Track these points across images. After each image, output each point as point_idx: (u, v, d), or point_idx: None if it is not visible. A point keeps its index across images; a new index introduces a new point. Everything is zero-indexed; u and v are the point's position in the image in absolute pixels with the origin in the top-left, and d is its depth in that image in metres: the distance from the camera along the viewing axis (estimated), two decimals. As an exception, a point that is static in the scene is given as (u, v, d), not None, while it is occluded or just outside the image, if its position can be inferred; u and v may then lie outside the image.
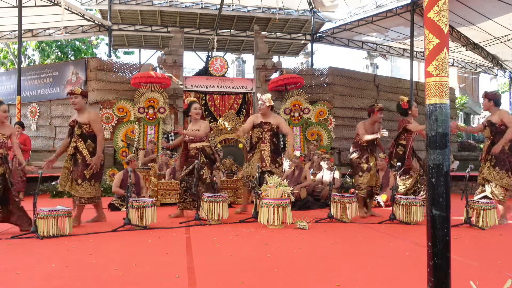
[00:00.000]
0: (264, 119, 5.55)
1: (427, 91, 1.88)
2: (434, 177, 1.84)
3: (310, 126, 11.11)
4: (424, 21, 1.90)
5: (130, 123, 10.26)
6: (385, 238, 4.10)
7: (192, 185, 5.09)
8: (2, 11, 11.65)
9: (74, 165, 4.79)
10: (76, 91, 4.83)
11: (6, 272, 2.75)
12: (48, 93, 11.64)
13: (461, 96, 22.60)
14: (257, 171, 5.24)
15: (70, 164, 4.83)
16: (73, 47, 19.48)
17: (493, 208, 4.63)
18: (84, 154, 4.71)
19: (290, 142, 5.67)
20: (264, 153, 5.45)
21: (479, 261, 3.09)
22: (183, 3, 13.64)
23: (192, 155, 5.28)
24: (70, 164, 4.83)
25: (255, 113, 6.08)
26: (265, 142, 5.48)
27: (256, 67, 11.74)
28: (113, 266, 2.89)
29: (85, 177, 4.71)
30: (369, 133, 5.55)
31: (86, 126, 4.77)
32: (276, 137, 5.60)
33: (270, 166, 5.42)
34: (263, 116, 5.58)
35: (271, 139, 5.50)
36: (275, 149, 5.55)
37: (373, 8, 13.07)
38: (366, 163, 5.55)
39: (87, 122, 4.77)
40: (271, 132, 5.50)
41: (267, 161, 5.41)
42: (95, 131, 4.80)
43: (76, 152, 4.77)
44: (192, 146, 5.31)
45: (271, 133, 5.50)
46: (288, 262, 3.05)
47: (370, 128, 5.62)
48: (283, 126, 5.61)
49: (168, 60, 11.17)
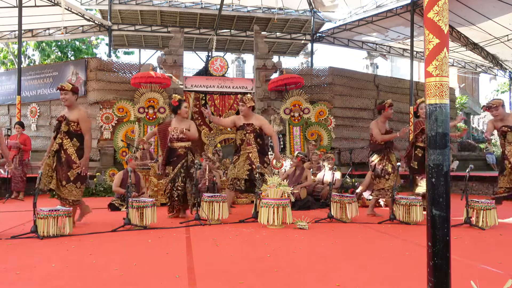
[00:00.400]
0: (246, 120, 5.48)
1: (427, 91, 1.88)
2: (434, 177, 1.84)
3: (310, 126, 11.11)
4: (424, 21, 1.90)
5: (130, 123, 10.26)
6: (385, 238, 4.10)
7: (183, 184, 5.12)
8: (2, 11, 11.65)
9: (58, 163, 4.58)
10: (67, 87, 4.61)
11: (6, 272, 2.75)
12: (48, 93, 11.64)
13: (461, 96, 22.60)
14: (245, 173, 5.24)
15: (53, 161, 4.59)
16: (73, 47, 19.49)
17: (493, 208, 4.63)
18: (69, 153, 4.53)
19: (274, 143, 5.61)
20: (252, 155, 5.36)
21: (479, 261, 3.09)
22: (183, 3, 13.65)
23: (181, 153, 5.21)
24: (53, 161, 4.59)
25: None
26: (250, 143, 5.40)
27: (256, 67, 11.74)
28: (113, 266, 2.89)
29: (69, 179, 4.52)
30: (383, 131, 5.48)
31: (74, 124, 4.59)
32: (260, 137, 5.50)
33: (260, 168, 5.37)
34: (245, 117, 5.51)
35: (255, 140, 5.43)
36: (261, 149, 5.47)
37: (373, 8, 13.08)
38: (390, 163, 5.42)
39: (76, 120, 4.59)
40: (254, 133, 5.43)
41: (256, 162, 5.31)
42: (83, 130, 4.63)
43: (61, 149, 4.57)
44: (180, 145, 5.22)
45: (254, 134, 5.42)
46: (288, 262, 3.05)
47: (383, 126, 5.55)
48: (266, 127, 5.52)
49: (168, 60, 11.17)
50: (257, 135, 5.46)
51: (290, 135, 10.99)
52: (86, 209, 4.96)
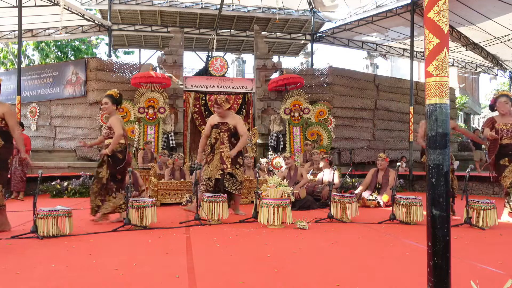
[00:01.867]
0: (222, 119, 5.39)
1: (427, 91, 1.88)
2: (434, 177, 1.84)
3: (310, 126, 11.11)
4: (424, 21, 1.90)
5: (130, 123, 10.26)
6: (385, 238, 4.10)
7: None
8: (2, 11, 11.65)
9: None
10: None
11: (6, 272, 2.75)
12: (48, 93, 11.65)
13: (461, 96, 22.61)
14: (218, 173, 5.14)
15: None
16: (73, 47, 19.49)
17: (493, 208, 4.63)
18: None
19: (239, 144, 5.37)
20: (224, 155, 5.25)
21: (479, 261, 3.09)
22: (183, 3, 13.65)
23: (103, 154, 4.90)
24: None
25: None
26: (224, 143, 5.30)
27: (256, 67, 11.75)
28: (113, 266, 2.89)
29: None
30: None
31: None
32: (234, 137, 5.41)
33: (231, 168, 5.24)
34: (220, 116, 5.42)
35: (229, 140, 5.33)
36: None
37: (373, 8, 13.07)
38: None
39: (1, 115, 4.23)
40: (228, 132, 5.33)
41: (228, 162, 5.21)
42: (10, 126, 4.25)
43: None
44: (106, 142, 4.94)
45: (229, 133, 5.33)
46: (288, 262, 3.05)
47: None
48: (240, 127, 5.37)
49: (168, 60, 11.17)
50: (231, 134, 5.36)
51: (290, 135, 10.99)
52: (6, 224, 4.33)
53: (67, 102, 11.43)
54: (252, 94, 11.84)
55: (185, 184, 7.13)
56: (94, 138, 10.90)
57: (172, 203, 6.99)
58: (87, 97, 11.16)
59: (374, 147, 12.67)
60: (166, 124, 10.65)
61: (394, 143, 13.24)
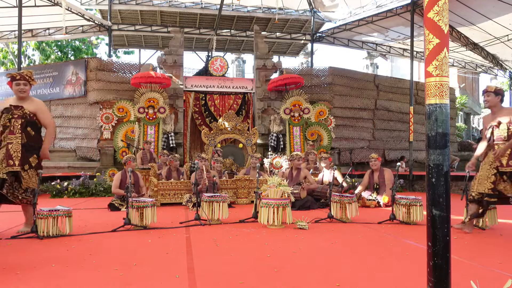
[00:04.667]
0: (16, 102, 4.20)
1: (427, 91, 1.88)
2: (434, 177, 1.84)
3: (310, 126, 11.11)
4: (424, 21, 1.90)
5: (130, 123, 10.27)
6: (385, 238, 4.10)
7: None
8: (2, 11, 11.65)
9: None
10: None
11: (6, 272, 2.75)
12: (48, 93, 11.64)
13: (461, 96, 22.60)
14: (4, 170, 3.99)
15: None
16: (73, 47, 19.49)
17: (493, 208, 4.63)
18: None
19: (46, 138, 4.35)
20: (12, 148, 4.06)
21: (479, 261, 3.09)
22: (183, 3, 13.65)
23: None
24: None
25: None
26: (14, 132, 4.10)
27: (256, 67, 11.74)
28: (113, 266, 2.89)
29: None
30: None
31: None
32: (32, 126, 4.22)
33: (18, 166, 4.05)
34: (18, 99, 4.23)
35: (23, 129, 4.13)
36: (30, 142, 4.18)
37: (373, 8, 13.07)
38: None
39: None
40: (23, 119, 4.14)
41: (16, 159, 4.04)
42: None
43: None
44: None
45: (23, 120, 4.14)
46: (288, 262, 3.05)
47: None
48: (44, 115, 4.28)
49: (168, 60, 11.17)
50: (27, 122, 4.18)
51: (290, 135, 10.98)
52: None
53: (67, 102, 11.43)
54: (252, 94, 11.84)
55: (185, 184, 7.14)
56: (94, 138, 10.92)
57: (172, 203, 7.00)
58: (87, 97, 11.15)
59: (374, 147, 12.68)
60: (166, 124, 10.65)
61: (394, 143, 13.24)
